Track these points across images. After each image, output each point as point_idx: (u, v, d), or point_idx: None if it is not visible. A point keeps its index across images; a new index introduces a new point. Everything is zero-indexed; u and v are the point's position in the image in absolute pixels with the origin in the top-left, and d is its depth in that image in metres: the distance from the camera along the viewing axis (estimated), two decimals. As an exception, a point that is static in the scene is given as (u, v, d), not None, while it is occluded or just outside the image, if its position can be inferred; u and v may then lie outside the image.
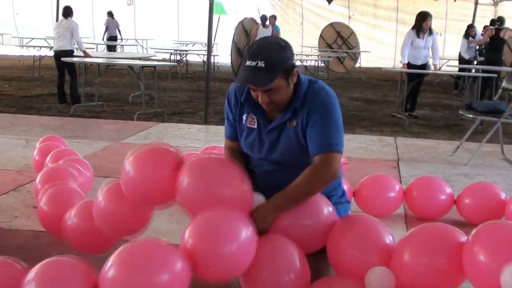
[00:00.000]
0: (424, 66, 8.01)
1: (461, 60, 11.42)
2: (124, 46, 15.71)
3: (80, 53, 8.61)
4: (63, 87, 8.17)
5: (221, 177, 2.12)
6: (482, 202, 3.37)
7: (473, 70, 9.78)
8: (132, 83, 9.87)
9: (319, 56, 13.94)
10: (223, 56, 14.95)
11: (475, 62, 11.29)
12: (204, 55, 10.23)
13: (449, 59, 13.73)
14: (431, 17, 7.84)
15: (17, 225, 3.16)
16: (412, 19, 8.10)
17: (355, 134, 6.24)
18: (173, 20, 19.03)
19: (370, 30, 18.40)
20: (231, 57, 12.28)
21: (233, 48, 12.25)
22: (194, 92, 10.04)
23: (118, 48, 15.31)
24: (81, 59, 8.14)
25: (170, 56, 13.80)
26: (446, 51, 16.74)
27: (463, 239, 1.95)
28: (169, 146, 2.31)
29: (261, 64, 2.09)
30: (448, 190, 3.46)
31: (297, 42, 18.46)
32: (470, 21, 12.62)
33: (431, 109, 8.95)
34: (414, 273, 1.95)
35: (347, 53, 15.14)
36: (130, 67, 8.65)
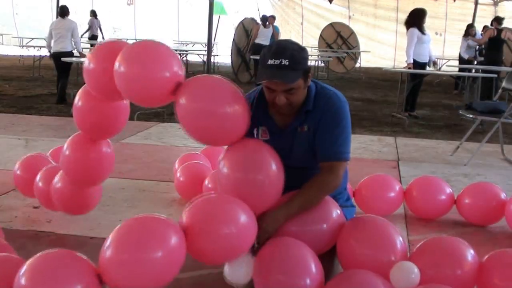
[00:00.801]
0: (425, 64, 8.03)
1: (461, 60, 11.42)
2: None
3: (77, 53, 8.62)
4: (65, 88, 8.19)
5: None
6: (482, 202, 3.36)
7: (473, 70, 9.79)
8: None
9: (319, 56, 13.93)
10: (223, 56, 14.95)
11: (475, 62, 11.29)
12: (204, 55, 10.24)
13: (449, 59, 13.73)
14: None
15: (17, 225, 3.16)
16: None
17: (355, 134, 6.23)
18: (173, 20, 19.04)
19: (370, 30, 18.40)
20: (232, 57, 12.27)
21: (234, 48, 12.25)
22: (194, 92, 10.02)
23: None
24: (81, 59, 8.14)
25: (170, 56, 13.78)
26: (446, 51, 16.75)
27: None
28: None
29: (285, 62, 2.12)
30: (448, 190, 3.46)
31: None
32: (470, 21, 12.61)
33: (431, 109, 8.94)
34: None
35: (347, 53, 15.14)
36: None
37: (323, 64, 14.29)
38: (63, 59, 7.79)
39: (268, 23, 11.82)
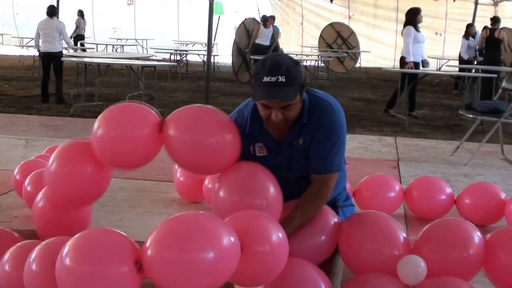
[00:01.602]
0: (419, 64, 8.08)
1: (461, 60, 11.41)
2: (124, 46, 15.70)
3: (80, 53, 8.63)
4: (47, 87, 8.17)
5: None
6: (482, 202, 3.36)
7: (473, 70, 9.78)
8: (132, 83, 9.87)
9: (319, 56, 13.92)
10: (223, 56, 14.94)
11: (475, 62, 11.28)
12: (204, 55, 10.23)
13: (449, 59, 13.72)
14: None
15: (17, 225, 3.15)
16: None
17: (355, 134, 6.23)
18: (173, 20, 19.01)
19: (370, 30, 18.38)
20: (232, 57, 12.27)
21: (235, 48, 12.24)
22: (194, 92, 10.03)
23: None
24: (81, 59, 8.14)
25: (170, 56, 13.79)
26: (446, 51, 16.73)
27: None
28: (145, 105, 2.29)
29: (282, 79, 2.07)
30: (448, 190, 3.46)
31: (297, 42, 18.45)
32: (470, 21, 12.59)
33: (431, 109, 8.94)
34: None
35: (347, 53, 15.13)
36: (130, 67, 8.65)
37: (323, 64, 14.28)
38: (63, 59, 7.82)
39: (268, 23, 11.82)
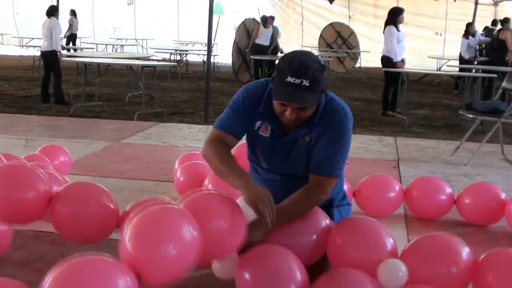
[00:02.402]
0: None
1: (462, 60, 11.42)
2: (124, 46, 15.70)
3: (80, 53, 8.61)
4: (47, 87, 8.18)
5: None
6: (482, 202, 3.36)
7: (473, 70, 9.78)
8: (132, 83, 9.87)
9: (319, 56, 13.93)
10: (223, 56, 14.94)
11: (475, 62, 11.29)
12: (204, 55, 10.23)
13: (449, 59, 13.73)
14: None
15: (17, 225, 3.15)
16: (412, 19, 8.20)
17: (355, 134, 6.22)
18: (173, 20, 19.01)
19: (370, 30, 18.36)
20: (232, 57, 12.27)
21: (235, 48, 12.24)
22: (194, 92, 10.03)
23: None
24: (81, 59, 8.13)
25: (170, 56, 13.79)
26: (446, 51, 16.72)
27: None
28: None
29: (306, 83, 2.05)
30: (448, 190, 3.46)
31: (297, 42, 18.44)
32: (470, 21, 12.60)
33: (431, 109, 8.94)
34: None
35: (347, 53, 15.13)
36: (130, 67, 8.65)
37: (323, 64, 14.28)
38: (63, 59, 7.83)
39: (268, 24, 11.82)
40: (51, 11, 8.21)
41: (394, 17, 7.83)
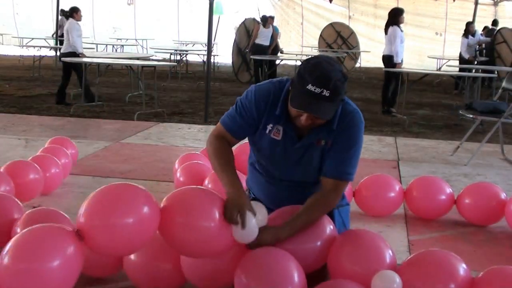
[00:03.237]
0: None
1: (462, 60, 11.42)
2: (124, 46, 15.70)
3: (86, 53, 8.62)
4: (63, 88, 8.15)
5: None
6: (482, 202, 3.36)
7: (473, 70, 9.78)
8: (132, 83, 9.87)
9: (319, 56, 13.92)
10: (223, 56, 14.94)
11: (475, 62, 11.29)
12: (204, 55, 10.23)
13: (449, 59, 13.73)
14: None
15: (17, 225, 3.15)
16: (412, 19, 8.22)
17: (355, 134, 6.22)
18: (173, 20, 19.01)
19: (370, 30, 18.36)
20: (232, 57, 12.27)
21: (235, 48, 12.24)
22: (194, 92, 10.03)
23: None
24: (81, 59, 8.13)
25: (170, 56, 13.79)
26: (446, 51, 16.73)
27: None
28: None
29: (326, 93, 2.00)
30: (448, 190, 3.46)
31: (297, 42, 18.45)
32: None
33: (431, 109, 8.94)
34: None
35: (347, 53, 15.14)
36: (130, 67, 8.65)
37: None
38: (63, 59, 7.82)
39: (268, 23, 11.83)
40: (70, 13, 8.22)
41: (395, 18, 7.87)
